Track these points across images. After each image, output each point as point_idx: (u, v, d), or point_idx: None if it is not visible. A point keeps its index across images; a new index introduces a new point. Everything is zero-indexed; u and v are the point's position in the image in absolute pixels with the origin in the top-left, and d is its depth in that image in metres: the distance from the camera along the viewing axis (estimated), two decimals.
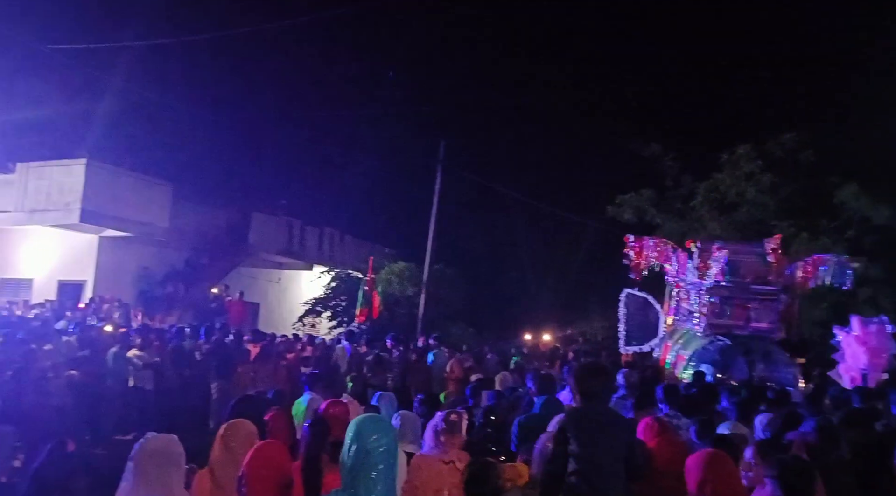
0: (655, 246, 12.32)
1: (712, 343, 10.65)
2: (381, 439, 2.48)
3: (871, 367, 9.23)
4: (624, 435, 3.69)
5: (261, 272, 23.47)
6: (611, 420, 3.72)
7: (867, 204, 18.66)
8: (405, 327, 18.87)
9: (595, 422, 3.62)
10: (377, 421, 2.64)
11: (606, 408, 3.80)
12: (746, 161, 20.25)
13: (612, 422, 3.71)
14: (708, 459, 3.25)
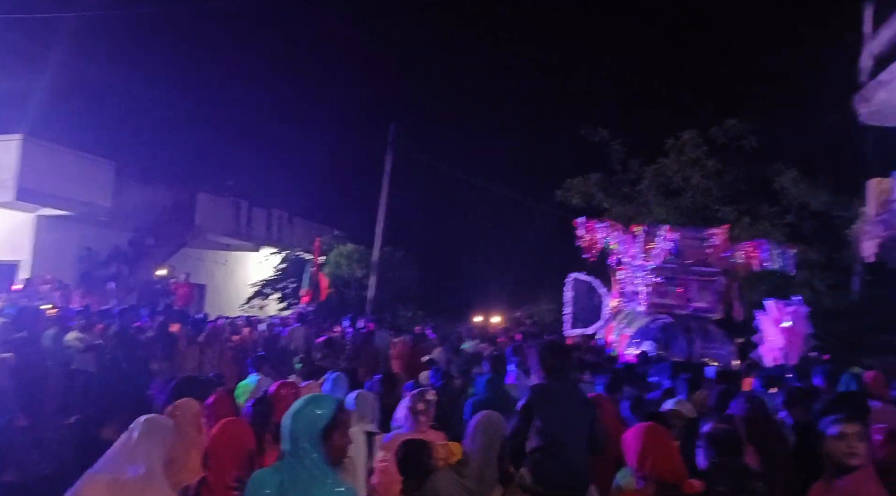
0: (606, 228, 12.61)
1: (654, 321, 11.05)
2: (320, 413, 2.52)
3: (789, 348, 9.69)
4: (587, 411, 3.77)
5: (207, 253, 23.03)
6: (574, 396, 3.80)
7: (805, 190, 19.34)
8: (355, 309, 18.81)
9: (560, 398, 3.69)
10: (318, 397, 2.69)
11: (570, 385, 3.88)
12: (691, 146, 20.73)
13: (576, 399, 3.79)
14: (646, 432, 3.35)
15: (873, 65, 13.56)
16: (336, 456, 2.54)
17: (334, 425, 2.53)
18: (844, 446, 3.19)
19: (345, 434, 2.58)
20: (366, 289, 21.40)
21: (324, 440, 2.51)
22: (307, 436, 2.50)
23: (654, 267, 11.36)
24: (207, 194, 21.82)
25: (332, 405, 2.60)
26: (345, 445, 2.57)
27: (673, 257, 11.26)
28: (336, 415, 2.55)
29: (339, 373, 6.16)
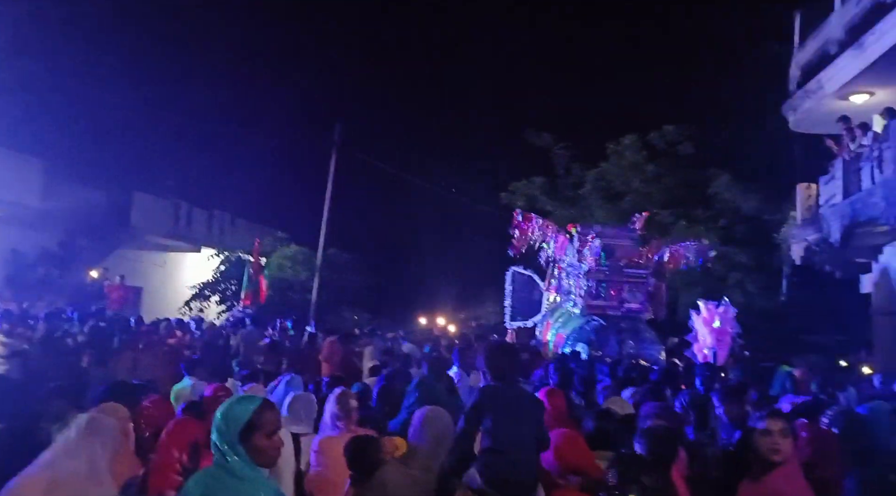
0: (541, 226, 12.83)
1: (588, 323, 11.32)
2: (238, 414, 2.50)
3: (717, 346, 10.10)
4: (535, 410, 3.81)
5: (144, 255, 22.40)
6: (522, 397, 3.84)
7: (737, 195, 20.01)
8: (298, 312, 18.57)
9: (508, 399, 3.71)
10: (241, 398, 2.67)
11: (516, 386, 3.93)
12: (632, 151, 21.22)
13: (524, 399, 3.83)
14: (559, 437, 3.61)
15: (800, 74, 14.13)
16: (259, 458, 2.50)
17: (253, 426, 2.49)
18: (769, 442, 3.28)
19: (268, 435, 2.52)
20: (310, 292, 21.16)
21: (242, 441, 2.47)
22: (226, 438, 2.47)
23: (587, 270, 11.64)
24: (145, 194, 21.23)
25: (251, 406, 2.55)
26: (268, 447, 2.52)
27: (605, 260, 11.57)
28: (254, 416, 2.51)
29: (292, 375, 6.12)
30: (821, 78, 13.02)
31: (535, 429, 3.65)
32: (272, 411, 2.62)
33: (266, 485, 2.52)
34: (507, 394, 3.73)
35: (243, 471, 2.46)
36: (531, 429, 3.63)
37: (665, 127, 20.98)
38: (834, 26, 12.80)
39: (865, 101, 12.54)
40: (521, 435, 3.59)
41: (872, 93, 12.35)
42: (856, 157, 11.74)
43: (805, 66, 13.97)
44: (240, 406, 2.56)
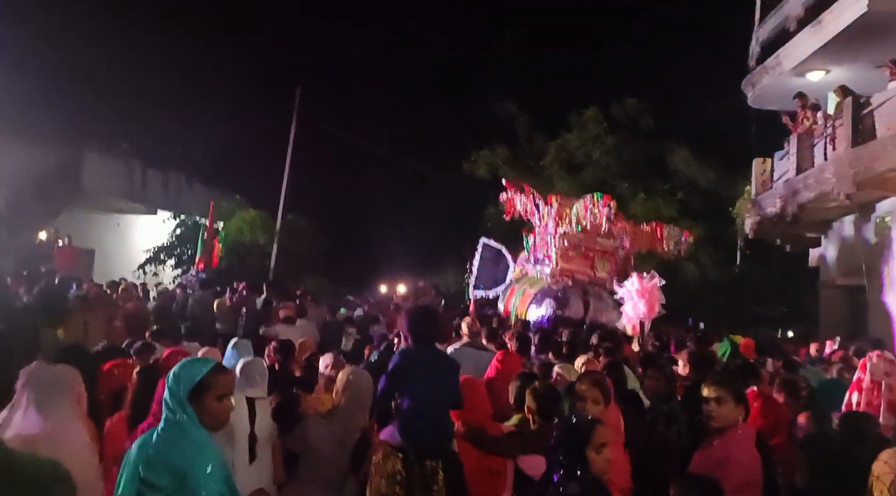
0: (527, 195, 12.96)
1: (556, 282, 11.56)
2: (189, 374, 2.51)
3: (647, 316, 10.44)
4: (452, 371, 4.01)
5: (96, 216, 21.81)
6: (439, 359, 4.05)
7: (695, 169, 20.35)
8: (257, 277, 18.36)
9: (426, 361, 3.90)
10: (193, 360, 2.68)
11: (435, 349, 4.12)
12: (593, 123, 21.35)
13: (441, 361, 4.04)
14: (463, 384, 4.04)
15: (760, 51, 14.32)
16: (207, 419, 2.49)
17: (204, 387, 2.49)
18: (706, 409, 3.42)
19: (217, 398, 2.51)
20: (268, 258, 20.93)
21: (191, 401, 2.47)
22: (176, 397, 2.47)
23: (563, 232, 11.85)
24: (97, 154, 20.56)
25: (204, 367, 2.55)
26: (217, 410, 2.51)
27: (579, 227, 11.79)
28: (206, 377, 2.50)
29: (240, 339, 6.11)
30: (779, 54, 13.21)
31: (451, 389, 3.88)
32: (225, 375, 2.61)
33: (211, 447, 2.51)
34: (424, 356, 3.93)
35: (188, 430, 2.45)
36: (447, 390, 3.86)
37: (626, 100, 21.12)
38: (793, 3, 12.98)
39: (822, 78, 12.79)
40: (437, 395, 3.81)
41: (828, 70, 12.60)
42: (809, 134, 12.00)
43: (765, 43, 14.16)
44: (193, 366, 2.56)
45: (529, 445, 3.72)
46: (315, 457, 4.06)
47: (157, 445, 2.45)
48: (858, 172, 9.75)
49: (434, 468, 3.71)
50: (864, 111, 10.09)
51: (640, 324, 9.49)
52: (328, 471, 4.05)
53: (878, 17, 10.33)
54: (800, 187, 11.72)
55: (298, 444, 4.09)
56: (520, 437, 3.91)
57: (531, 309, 11.43)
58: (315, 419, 4.15)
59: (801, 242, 14.21)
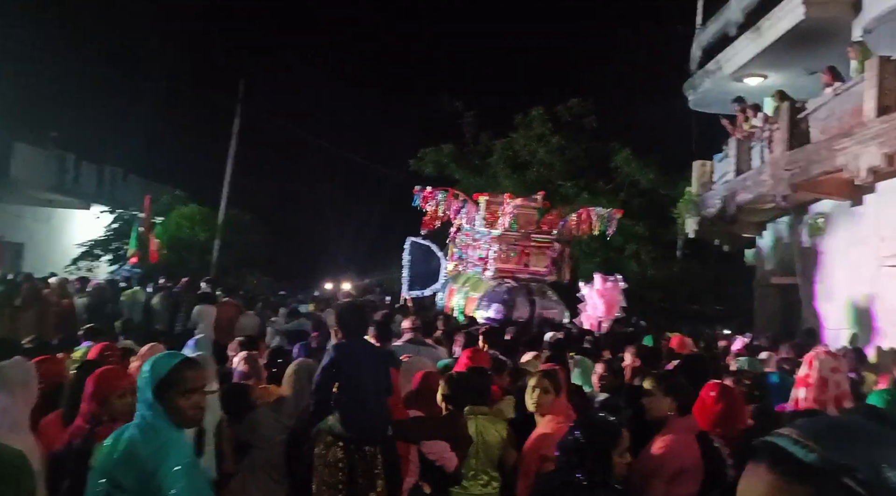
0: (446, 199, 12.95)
1: (500, 285, 11.59)
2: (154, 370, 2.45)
3: (605, 316, 10.67)
4: (383, 362, 4.30)
5: (26, 209, 20.86)
6: (370, 351, 4.32)
7: (636, 168, 20.79)
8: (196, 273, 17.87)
9: (358, 353, 4.15)
10: (161, 355, 2.62)
11: (365, 341, 4.38)
12: (539, 123, 21.56)
13: (372, 353, 4.31)
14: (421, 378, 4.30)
15: (701, 55, 14.72)
16: (175, 416, 2.41)
17: (170, 383, 2.41)
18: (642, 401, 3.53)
19: (184, 393, 2.43)
20: (209, 254, 20.40)
21: (157, 398, 2.39)
22: (144, 394, 2.41)
23: (498, 234, 11.90)
24: (26, 144, 19.65)
25: (171, 362, 2.48)
26: (185, 406, 2.43)
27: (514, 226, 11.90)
28: (171, 373, 2.43)
29: (202, 336, 6.09)
30: (719, 59, 13.61)
31: (383, 378, 4.13)
32: (192, 369, 2.52)
33: (180, 445, 2.42)
34: (357, 349, 4.18)
35: (158, 428, 2.38)
36: (380, 379, 4.10)
37: (571, 100, 21.42)
38: (734, 9, 13.38)
39: (759, 83, 13.23)
40: (371, 384, 4.04)
41: (766, 76, 13.05)
42: (748, 137, 12.39)
43: (706, 47, 14.57)
44: (160, 362, 2.48)
45: (431, 431, 3.90)
46: (266, 446, 4.18)
47: (124, 444, 2.38)
48: (794, 175, 10.10)
49: (373, 454, 3.93)
50: (800, 116, 10.46)
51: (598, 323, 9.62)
52: (276, 459, 4.18)
53: (815, 24, 10.75)
54: (738, 189, 12.08)
55: (249, 433, 4.22)
56: (422, 423, 4.07)
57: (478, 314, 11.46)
58: (264, 409, 4.32)
59: (737, 242, 14.67)
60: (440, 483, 3.89)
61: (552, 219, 12.73)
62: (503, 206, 12.18)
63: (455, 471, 3.84)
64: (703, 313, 19.59)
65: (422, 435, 3.94)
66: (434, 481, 3.90)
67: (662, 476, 3.19)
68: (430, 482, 3.92)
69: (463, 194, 13.39)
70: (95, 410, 3.39)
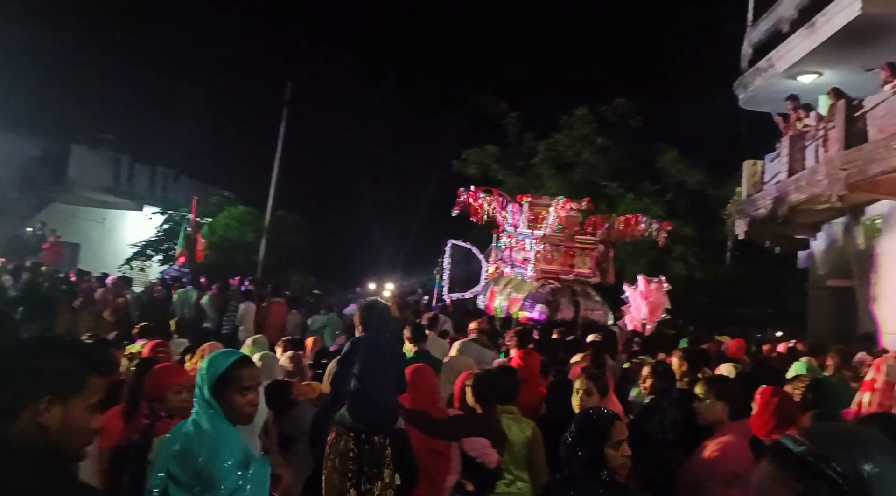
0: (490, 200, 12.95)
1: (543, 286, 11.55)
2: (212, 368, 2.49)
3: (649, 318, 10.52)
4: (396, 358, 4.41)
5: (82, 210, 21.55)
6: (386, 346, 4.43)
7: (683, 170, 20.45)
8: (243, 273, 18.21)
9: (374, 348, 4.28)
10: (218, 353, 2.64)
11: (383, 337, 4.50)
12: (583, 123, 21.37)
13: (387, 348, 4.42)
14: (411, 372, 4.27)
15: (752, 53, 14.39)
16: (232, 413, 2.45)
17: (228, 380, 2.45)
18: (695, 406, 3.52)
19: (241, 391, 2.47)
20: (256, 254, 20.76)
21: (215, 394, 2.43)
22: (202, 391, 2.45)
23: (542, 235, 11.88)
24: (83, 146, 20.30)
25: (228, 359, 2.52)
26: (241, 403, 2.47)
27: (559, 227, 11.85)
28: (229, 370, 2.47)
29: (260, 336, 6.38)
30: (771, 56, 13.28)
31: (394, 372, 4.20)
32: (249, 368, 2.57)
33: (233, 441, 2.45)
34: (373, 344, 4.31)
35: (214, 424, 2.42)
36: (391, 373, 4.18)
37: (617, 100, 21.17)
38: (786, 5, 13.04)
39: (813, 80, 12.87)
40: (381, 377, 4.14)
41: (820, 73, 12.68)
42: (801, 136, 12.07)
43: (757, 45, 14.23)
44: (218, 359, 2.52)
45: (469, 428, 3.93)
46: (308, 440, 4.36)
47: (181, 440, 2.43)
48: (850, 175, 9.80)
49: (382, 444, 4.01)
50: (857, 114, 10.14)
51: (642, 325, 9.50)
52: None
53: (871, 19, 10.40)
54: (791, 189, 11.77)
55: (291, 428, 4.38)
56: (460, 421, 4.11)
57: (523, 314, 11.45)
58: (305, 404, 4.51)
59: (790, 244, 14.29)
60: (482, 479, 3.90)
61: (596, 220, 12.64)
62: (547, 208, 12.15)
63: (497, 467, 3.85)
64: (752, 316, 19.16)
65: (460, 432, 3.96)
66: (476, 478, 3.90)
67: (716, 479, 3.17)
68: (471, 479, 3.92)
69: (507, 196, 13.36)
70: (154, 406, 3.49)
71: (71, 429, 1.61)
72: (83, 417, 1.64)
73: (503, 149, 22.66)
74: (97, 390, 1.69)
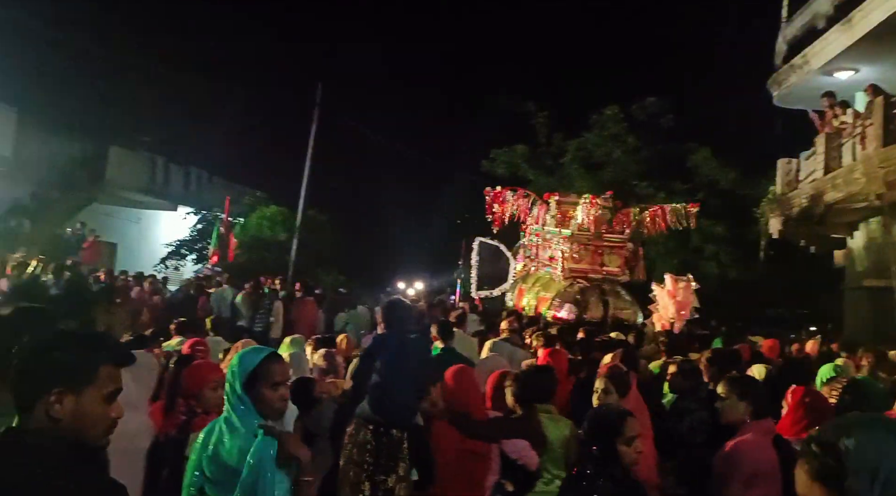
0: (515, 199, 12.91)
1: (572, 285, 11.48)
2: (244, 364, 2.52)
3: (676, 317, 10.38)
4: (417, 354, 4.52)
5: (119, 210, 22.02)
6: (407, 343, 4.55)
7: (715, 168, 20.17)
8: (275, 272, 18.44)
9: (395, 344, 4.43)
10: (247, 350, 2.68)
11: (405, 335, 4.62)
12: (613, 122, 21.20)
13: (408, 345, 4.54)
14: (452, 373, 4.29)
15: (787, 49, 14.15)
16: (263, 408, 2.49)
17: (258, 376, 2.49)
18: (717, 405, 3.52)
19: (272, 386, 2.51)
20: (287, 253, 21.00)
21: (246, 390, 2.47)
22: (233, 387, 2.49)
23: (569, 234, 11.80)
24: (120, 148, 20.76)
25: (258, 356, 2.55)
26: (273, 398, 2.51)
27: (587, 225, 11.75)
28: (260, 366, 2.51)
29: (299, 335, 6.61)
30: (807, 53, 13.05)
31: (416, 370, 4.32)
32: (279, 363, 2.61)
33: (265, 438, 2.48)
34: (394, 341, 4.47)
35: (245, 420, 2.45)
36: (411, 370, 4.29)
37: (647, 99, 20.97)
38: (822, 1, 12.81)
39: (850, 77, 12.62)
40: (402, 375, 4.24)
41: (857, 69, 12.43)
42: (838, 133, 11.84)
43: (792, 41, 13.99)
44: (248, 356, 2.56)
45: (510, 430, 3.97)
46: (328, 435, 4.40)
47: (212, 438, 2.47)
48: (889, 172, 9.61)
49: (399, 438, 4.14)
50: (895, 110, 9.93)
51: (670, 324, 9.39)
52: None
53: None
54: (827, 187, 11.57)
55: (315, 425, 4.41)
56: (500, 423, 4.13)
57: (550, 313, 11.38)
58: (329, 402, 4.56)
59: (825, 243, 14.03)
60: (522, 480, 3.91)
61: (625, 218, 12.52)
62: (575, 206, 12.04)
63: (537, 468, 3.87)
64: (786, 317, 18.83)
65: (501, 434, 3.98)
66: (516, 479, 3.92)
67: (736, 478, 3.18)
68: (511, 479, 3.95)
69: (533, 194, 13.32)
70: (191, 402, 3.58)
71: (86, 418, 1.64)
72: (98, 407, 1.67)
73: (532, 148, 22.58)
74: (111, 380, 1.72)
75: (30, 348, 1.68)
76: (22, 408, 1.63)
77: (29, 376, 1.64)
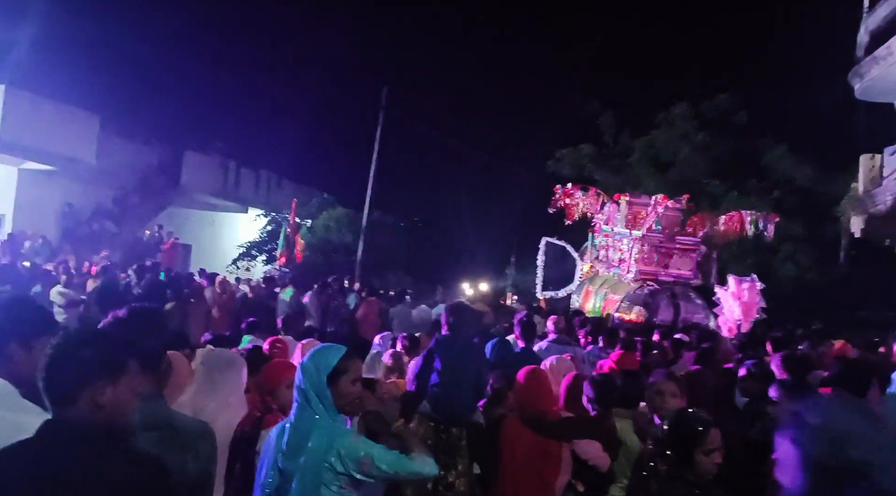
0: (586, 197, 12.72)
1: (641, 287, 11.23)
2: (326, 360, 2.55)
3: (743, 319, 10.02)
4: (475, 357, 4.65)
5: (193, 213, 22.81)
6: (468, 348, 4.67)
7: (792, 165, 19.40)
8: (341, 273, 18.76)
9: (455, 346, 4.55)
10: (324, 347, 2.70)
11: (466, 339, 4.73)
12: (682, 120, 20.67)
13: (469, 350, 4.66)
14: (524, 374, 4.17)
15: (869, 40, 13.50)
16: (344, 403, 2.53)
17: (340, 371, 2.53)
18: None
19: (353, 382, 2.56)
20: (353, 254, 21.33)
21: (329, 385, 2.51)
22: (314, 381, 2.52)
23: (640, 235, 11.54)
24: (194, 153, 21.51)
25: (339, 352, 2.60)
26: (353, 393, 2.56)
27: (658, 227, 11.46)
28: (341, 362, 2.55)
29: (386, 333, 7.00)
30: (891, 44, 12.42)
31: (474, 372, 4.50)
32: (357, 360, 2.67)
33: (343, 431, 2.54)
34: (454, 342, 4.59)
35: (323, 415, 2.49)
36: (469, 373, 4.47)
37: (718, 96, 20.35)
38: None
39: None
40: (458, 375, 4.43)
41: None
42: None
43: (875, 32, 13.34)
44: (329, 352, 2.60)
45: (583, 431, 3.96)
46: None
47: (291, 435, 2.51)
48: None
49: (458, 435, 4.30)
50: None
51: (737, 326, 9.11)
52: None
53: None
54: None
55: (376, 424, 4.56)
56: (573, 423, 4.10)
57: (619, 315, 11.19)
58: (390, 402, 4.60)
59: None
60: (594, 482, 3.86)
61: (698, 221, 12.18)
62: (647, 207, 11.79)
63: (609, 470, 3.81)
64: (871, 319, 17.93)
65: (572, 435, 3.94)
66: (588, 480, 3.87)
67: None
68: (583, 481, 3.91)
69: (604, 194, 13.11)
70: (266, 399, 3.66)
71: (120, 406, 1.82)
72: (129, 396, 1.85)
73: (598, 148, 22.24)
74: (137, 372, 1.90)
75: (64, 346, 1.81)
76: (62, 400, 1.77)
77: (72, 371, 1.77)
